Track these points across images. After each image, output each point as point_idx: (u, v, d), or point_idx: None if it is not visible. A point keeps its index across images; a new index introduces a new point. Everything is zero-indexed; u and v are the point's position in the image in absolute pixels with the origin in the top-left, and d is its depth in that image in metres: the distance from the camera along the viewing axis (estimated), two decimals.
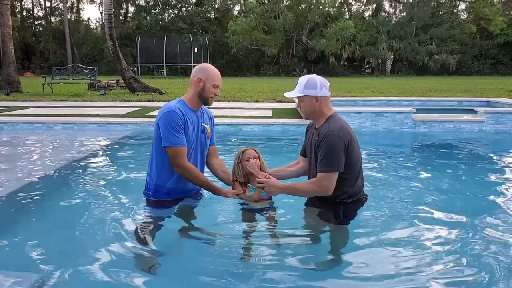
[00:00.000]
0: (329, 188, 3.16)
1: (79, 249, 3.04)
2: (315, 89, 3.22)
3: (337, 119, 3.27)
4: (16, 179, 4.96)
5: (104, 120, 9.29)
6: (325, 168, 3.14)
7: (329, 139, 3.13)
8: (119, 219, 3.54)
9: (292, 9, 46.35)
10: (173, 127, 3.27)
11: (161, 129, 3.31)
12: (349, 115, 9.10)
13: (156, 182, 3.50)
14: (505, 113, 9.11)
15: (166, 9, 53.97)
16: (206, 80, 3.37)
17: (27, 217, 3.76)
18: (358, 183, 3.35)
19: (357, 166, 3.29)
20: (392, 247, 3.05)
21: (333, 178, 3.15)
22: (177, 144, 3.29)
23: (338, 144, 3.11)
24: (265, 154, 3.66)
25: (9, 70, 17.46)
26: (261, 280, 2.63)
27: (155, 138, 3.43)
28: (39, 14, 59.27)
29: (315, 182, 3.20)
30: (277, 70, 47.78)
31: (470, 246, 3.10)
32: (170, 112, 3.30)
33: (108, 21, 17.40)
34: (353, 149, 3.20)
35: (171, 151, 3.31)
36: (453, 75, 42.30)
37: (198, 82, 3.38)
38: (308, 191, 3.30)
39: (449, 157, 6.64)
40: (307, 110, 3.30)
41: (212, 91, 3.39)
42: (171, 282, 2.66)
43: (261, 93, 17.60)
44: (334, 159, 3.12)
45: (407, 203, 3.99)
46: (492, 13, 44.05)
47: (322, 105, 3.25)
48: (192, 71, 3.47)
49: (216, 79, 3.40)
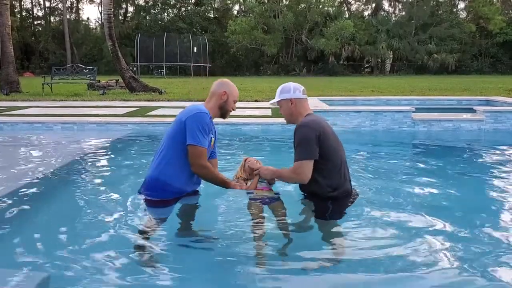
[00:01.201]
0: (304, 175, 3.36)
1: (79, 247, 3.04)
2: (289, 93, 3.56)
3: (311, 115, 3.54)
4: (15, 179, 4.96)
5: (104, 120, 9.28)
6: (298, 157, 3.37)
7: (300, 129, 3.40)
8: (120, 218, 3.55)
9: (292, 8, 46.38)
10: (203, 128, 3.39)
11: (188, 127, 3.37)
12: (348, 115, 9.11)
13: (166, 180, 3.47)
14: (504, 112, 9.12)
15: (166, 9, 53.96)
16: (230, 94, 3.61)
17: (26, 216, 3.77)
18: (340, 177, 3.47)
19: (334, 157, 3.44)
20: (387, 244, 3.06)
21: (306, 165, 3.35)
22: (203, 145, 3.39)
23: (309, 134, 3.34)
24: (265, 154, 3.69)
25: (8, 70, 17.44)
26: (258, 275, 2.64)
27: (172, 136, 3.46)
28: (39, 14, 59.31)
29: (292, 169, 3.43)
30: (277, 69, 47.78)
31: (468, 244, 3.10)
32: (203, 113, 3.42)
33: (108, 21, 17.39)
34: (327, 140, 3.39)
35: (196, 150, 3.38)
36: (453, 74, 42.32)
37: (223, 95, 3.59)
38: (287, 177, 3.54)
39: (448, 156, 6.64)
40: (285, 113, 3.63)
41: (232, 105, 3.66)
42: (174, 278, 2.66)
43: (261, 92, 17.59)
44: (306, 148, 3.33)
45: (405, 201, 4.00)
46: (492, 12, 44.07)
47: (298, 106, 3.55)
48: (215, 85, 3.67)
49: (236, 95, 3.69)
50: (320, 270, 2.76)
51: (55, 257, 2.90)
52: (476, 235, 3.28)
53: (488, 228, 3.40)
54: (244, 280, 2.64)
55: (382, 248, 3.02)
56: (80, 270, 2.71)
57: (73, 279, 2.61)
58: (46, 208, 4.08)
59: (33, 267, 2.75)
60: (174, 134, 3.44)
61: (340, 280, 2.68)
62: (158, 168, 3.50)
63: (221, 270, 2.75)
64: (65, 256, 2.91)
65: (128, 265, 2.79)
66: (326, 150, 3.36)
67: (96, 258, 2.86)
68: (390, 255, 2.93)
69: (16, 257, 2.92)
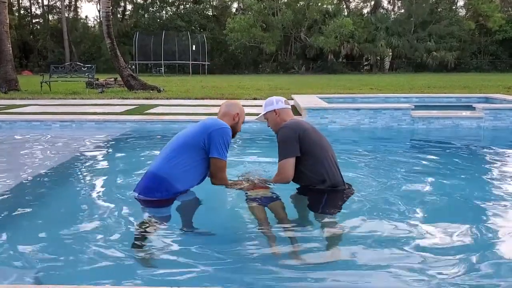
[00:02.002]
0: (287, 173, 3.57)
1: (76, 245, 3.03)
2: (272, 105, 3.84)
3: (293, 119, 3.79)
4: (14, 177, 4.95)
5: (102, 118, 9.27)
6: (280, 158, 3.59)
7: (280, 131, 3.65)
8: (118, 216, 3.54)
9: (290, 6, 46.33)
10: (228, 142, 3.54)
11: (215, 140, 3.46)
12: (347, 112, 9.10)
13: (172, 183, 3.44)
14: (504, 109, 9.11)
15: (164, 7, 53.96)
16: (241, 116, 3.80)
17: (26, 214, 3.75)
18: (326, 170, 3.57)
19: (317, 151, 3.59)
20: (383, 240, 3.05)
21: (287, 164, 3.55)
22: (225, 159, 3.53)
23: (288, 133, 3.56)
24: (264, 151, 3.69)
25: (6, 68, 17.42)
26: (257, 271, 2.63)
27: (191, 143, 3.48)
28: (37, 12, 59.22)
29: (277, 172, 3.65)
30: (276, 67, 47.77)
31: (467, 241, 3.10)
32: (228, 129, 3.55)
33: (106, 19, 17.37)
34: (308, 136, 3.57)
35: (220, 163, 3.52)
36: (452, 71, 42.34)
37: (236, 117, 3.75)
38: (274, 181, 3.71)
39: (447, 153, 6.63)
40: (272, 124, 3.87)
41: (240, 127, 3.86)
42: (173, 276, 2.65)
43: (260, 90, 17.58)
44: (286, 148, 3.55)
45: (403, 198, 3.98)
46: (491, 10, 44.07)
47: (282, 115, 3.80)
48: (227, 105, 3.83)
49: (244, 118, 3.88)
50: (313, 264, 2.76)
51: (52, 254, 2.89)
52: (473, 231, 3.27)
53: (487, 225, 3.40)
54: (244, 276, 2.63)
55: (378, 244, 3.02)
56: (77, 268, 2.70)
57: (69, 277, 2.60)
58: (44, 206, 4.07)
59: (31, 265, 2.74)
60: (194, 141, 3.47)
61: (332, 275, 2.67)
62: (166, 169, 3.46)
63: (221, 267, 2.74)
64: (62, 253, 2.90)
65: (126, 263, 2.78)
66: (308, 146, 3.55)
67: (93, 256, 2.85)
68: (385, 250, 2.92)
69: (12, 254, 2.91)
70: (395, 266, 2.74)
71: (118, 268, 2.72)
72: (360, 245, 3.03)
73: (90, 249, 2.94)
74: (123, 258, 2.84)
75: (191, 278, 2.62)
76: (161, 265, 2.79)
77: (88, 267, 2.70)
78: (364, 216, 3.47)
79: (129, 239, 3.12)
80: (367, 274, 2.67)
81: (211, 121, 3.61)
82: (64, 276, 2.62)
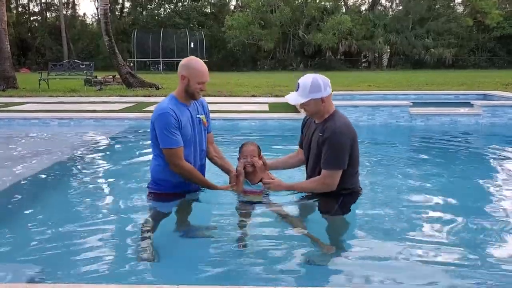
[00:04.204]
0: (333, 185, 3.24)
1: (77, 242, 3.04)
2: (320, 91, 3.19)
3: (340, 115, 3.31)
4: (12, 175, 4.95)
5: (101, 116, 9.27)
6: (330, 166, 3.20)
7: (336, 137, 3.15)
8: (117, 212, 3.55)
9: (289, 3, 46.19)
10: (167, 128, 3.29)
11: (157, 131, 3.34)
12: (346, 109, 9.09)
13: (162, 177, 3.50)
14: (502, 106, 9.13)
15: (162, 4, 53.73)
16: (190, 77, 3.35)
17: (24, 212, 3.76)
18: (356, 177, 3.43)
19: (357, 161, 3.36)
20: (388, 238, 3.07)
21: (336, 175, 3.21)
22: (172, 146, 3.32)
23: (345, 142, 3.16)
24: (263, 148, 3.66)
25: (4, 66, 17.37)
26: (257, 270, 2.64)
27: (152, 137, 3.45)
28: (35, 10, 58.94)
29: (319, 180, 3.27)
30: (274, 64, 47.66)
31: (466, 237, 3.12)
32: (163, 113, 3.32)
33: (104, 17, 17.34)
34: (356, 146, 3.27)
35: (167, 152, 3.35)
36: (450, 68, 42.28)
37: (183, 79, 3.38)
38: (312, 188, 3.36)
39: (445, 150, 6.65)
40: (312, 111, 3.29)
41: (197, 87, 3.38)
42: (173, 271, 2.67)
43: (258, 87, 17.57)
44: (340, 158, 3.18)
45: (403, 196, 4.01)
46: (489, 7, 43.96)
47: (327, 104, 3.26)
48: (179, 66, 3.44)
49: (200, 76, 3.37)
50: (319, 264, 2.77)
51: (52, 251, 2.90)
52: (473, 227, 3.29)
53: (486, 221, 3.42)
54: (243, 273, 2.65)
55: (380, 240, 3.03)
56: (78, 264, 2.71)
57: (68, 275, 2.61)
58: (43, 203, 4.08)
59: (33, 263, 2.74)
60: (152, 136, 3.44)
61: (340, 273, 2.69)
62: (154, 165, 3.55)
63: (220, 264, 2.75)
64: (62, 250, 2.91)
65: (125, 262, 2.79)
66: (353, 157, 3.26)
67: (95, 251, 2.86)
68: (388, 248, 2.94)
69: (10, 251, 2.92)
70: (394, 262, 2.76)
71: (117, 266, 2.73)
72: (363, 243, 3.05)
73: (89, 247, 2.95)
74: (122, 256, 2.85)
75: (191, 278, 2.64)
76: (162, 265, 2.80)
77: (87, 265, 2.70)
78: (366, 213, 3.48)
79: (128, 237, 3.13)
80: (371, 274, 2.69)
81: (155, 108, 3.44)
82: (63, 275, 2.63)
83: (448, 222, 3.41)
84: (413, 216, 3.51)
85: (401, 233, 3.18)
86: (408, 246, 2.95)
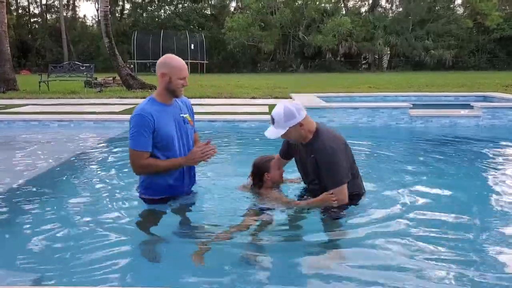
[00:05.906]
0: (345, 199, 3.26)
1: (76, 245, 3.04)
2: (295, 118, 3.19)
3: (323, 130, 3.32)
4: (12, 177, 4.95)
5: (101, 117, 9.28)
6: (335, 184, 3.20)
7: (328, 155, 3.18)
8: (118, 214, 3.55)
9: (289, 5, 46.24)
10: (138, 130, 3.27)
11: (129, 131, 3.33)
12: (345, 111, 9.11)
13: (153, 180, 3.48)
14: (502, 108, 9.13)
15: (162, 6, 53.81)
16: (171, 74, 3.31)
17: (23, 214, 3.76)
18: (357, 181, 3.48)
19: (353, 166, 3.41)
20: (388, 241, 3.07)
21: (344, 190, 3.23)
22: (137, 148, 3.28)
23: (339, 156, 3.19)
24: (262, 150, 3.67)
25: (5, 68, 17.40)
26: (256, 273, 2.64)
27: None
28: (35, 12, 59.06)
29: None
30: (274, 66, 47.71)
31: (467, 239, 3.11)
32: (135, 115, 3.32)
33: (104, 18, 17.37)
34: (349, 151, 3.33)
35: (132, 153, 3.31)
36: (450, 70, 42.31)
37: (163, 77, 3.34)
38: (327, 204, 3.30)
39: (445, 152, 6.64)
40: (294, 137, 3.31)
41: (179, 83, 3.35)
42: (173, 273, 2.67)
43: (258, 89, 17.58)
44: (340, 173, 3.20)
45: (403, 197, 4.00)
46: (489, 8, 43.99)
47: (307, 125, 3.25)
48: (156, 66, 3.40)
49: (180, 71, 3.34)
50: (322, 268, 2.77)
51: (52, 254, 2.90)
52: (472, 229, 3.29)
53: (485, 222, 3.43)
54: (242, 275, 2.64)
55: (379, 243, 3.03)
56: (77, 267, 2.70)
57: (70, 275, 2.61)
58: (43, 205, 4.07)
59: (29, 265, 2.74)
60: None
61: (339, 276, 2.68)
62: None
63: (221, 265, 2.75)
64: (62, 252, 2.91)
65: (126, 263, 2.79)
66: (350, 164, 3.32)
67: (94, 253, 2.86)
68: (388, 250, 2.94)
69: (11, 255, 2.91)
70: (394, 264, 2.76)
71: (118, 268, 2.73)
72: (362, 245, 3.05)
73: (89, 249, 2.95)
74: (123, 258, 2.85)
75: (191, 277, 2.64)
76: (161, 265, 2.80)
77: (87, 267, 2.70)
78: (366, 216, 3.48)
79: (129, 239, 3.13)
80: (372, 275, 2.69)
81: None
82: (64, 277, 2.63)
83: (448, 224, 3.41)
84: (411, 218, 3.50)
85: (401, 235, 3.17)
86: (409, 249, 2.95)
